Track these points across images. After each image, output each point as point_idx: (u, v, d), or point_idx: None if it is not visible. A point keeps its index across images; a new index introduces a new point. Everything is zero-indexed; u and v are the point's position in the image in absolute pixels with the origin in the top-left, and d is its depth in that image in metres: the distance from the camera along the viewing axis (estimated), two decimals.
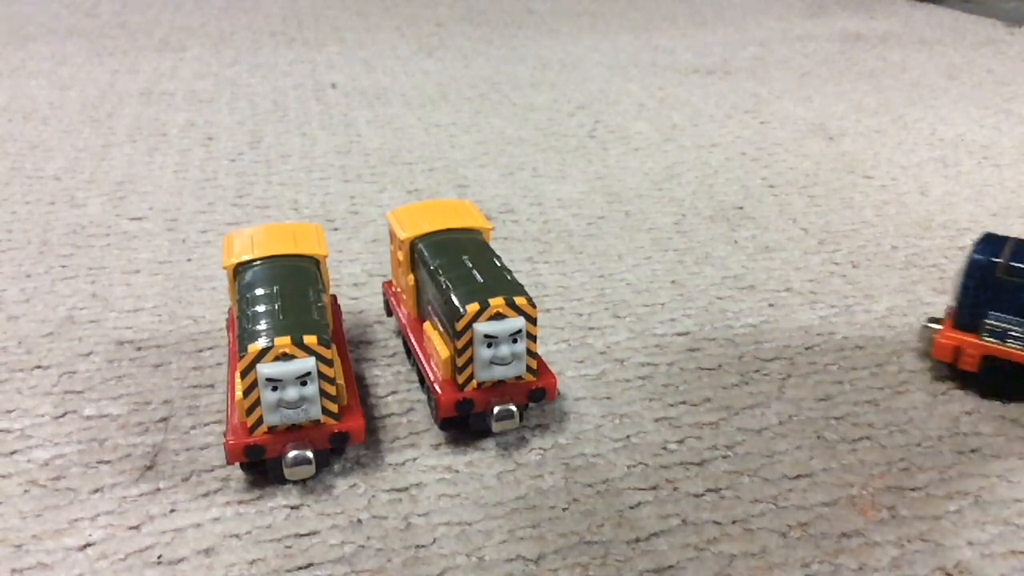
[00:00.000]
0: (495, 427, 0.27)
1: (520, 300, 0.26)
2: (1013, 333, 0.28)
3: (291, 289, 0.27)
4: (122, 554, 0.24)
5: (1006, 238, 0.30)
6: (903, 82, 0.71)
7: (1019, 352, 0.29)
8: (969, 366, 0.29)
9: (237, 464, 0.26)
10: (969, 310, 0.29)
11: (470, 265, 0.28)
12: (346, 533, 0.24)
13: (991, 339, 0.29)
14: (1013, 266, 0.28)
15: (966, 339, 0.29)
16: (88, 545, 0.24)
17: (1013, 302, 0.28)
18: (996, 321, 0.28)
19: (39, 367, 0.32)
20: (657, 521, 0.25)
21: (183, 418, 0.29)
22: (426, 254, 0.29)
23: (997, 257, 0.28)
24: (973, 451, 0.28)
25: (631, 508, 0.25)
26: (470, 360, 0.27)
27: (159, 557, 0.23)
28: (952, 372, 0.31)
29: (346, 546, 0.24)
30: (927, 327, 0.31)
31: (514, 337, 0.27)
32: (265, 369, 0.24)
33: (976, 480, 0.26)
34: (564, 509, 0.25)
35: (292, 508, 0.25)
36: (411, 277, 0.31)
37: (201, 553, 0.24)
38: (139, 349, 0.33)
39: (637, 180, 0.50)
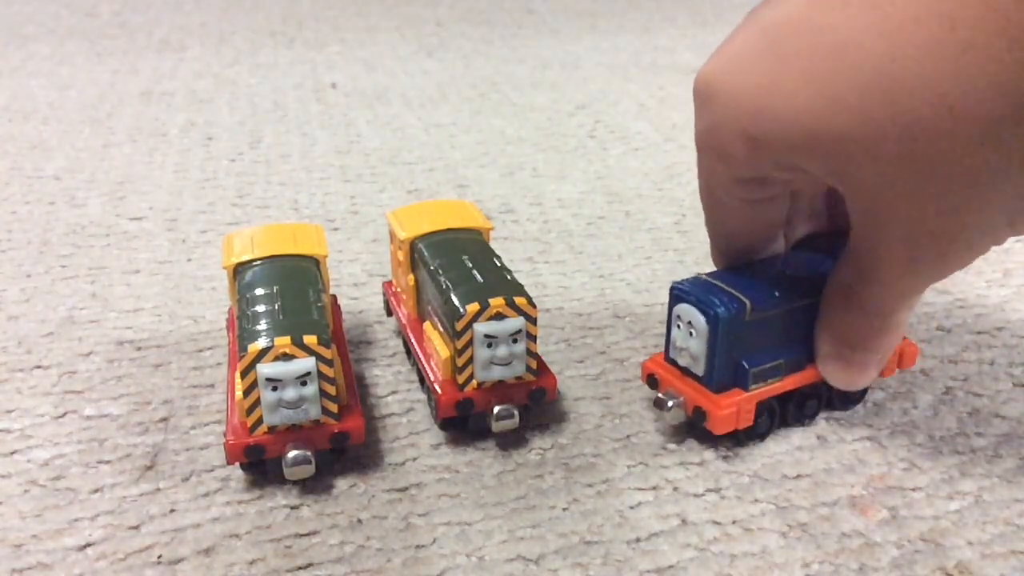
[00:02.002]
0: (495, 427, 0.27)
1: (520, 300, 0.26)
2: (768, 367, 0.27)
3: (291, 289, 0.27)
4: (122, 554, 0.24)
5: (695, 279, 0.27)
6: None
7: (780, 384, 0.27)
8: (747, 421, 0.27)
9: (237, 464, 0.26)
10: (730, 368, 0.26)
11: (470, 265, 0.28)
12: (346, 533, 0.24)
13: (757, 385, 0.27)
14: (760, 303, 0.26)
15: (737, 398, 0.26)
16: (88, 545, 0.24)
17: (757, 340, 0.26)
18: (755, 366, 0.26)
19: (39, 367, 0.32)
20: (657, 521, 0.25)
21: (183, 418, 0.29)
22: (426, 254, 0.29)
23: (733, 303, 0.26)
24: (973, 451, 0.28)
25: (631, 508, 0.25)
26: (470, 360, 0.27)
27: (159, 557, 0.23)
28: (950, 369, 0.31)
29: (346, 546, 0.24)
30: (674, 406, 0.27)
31: (514, 337, 0.27)
32: (265, 369, 0.24)
33: (976, 480, 0.26)
34: (564, 509, 0.25)
35: (292, 508, 0.25)
36: (411, 277, 0.31)
37: (201, 553, 0.24)
38: (139, 349, 0.33)
39: (637, 180, 0.50)
